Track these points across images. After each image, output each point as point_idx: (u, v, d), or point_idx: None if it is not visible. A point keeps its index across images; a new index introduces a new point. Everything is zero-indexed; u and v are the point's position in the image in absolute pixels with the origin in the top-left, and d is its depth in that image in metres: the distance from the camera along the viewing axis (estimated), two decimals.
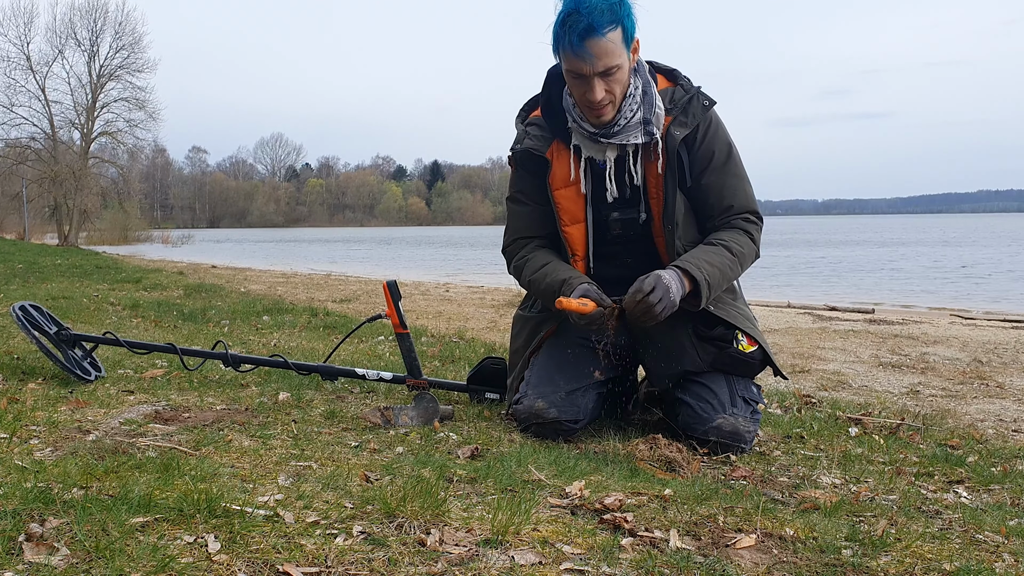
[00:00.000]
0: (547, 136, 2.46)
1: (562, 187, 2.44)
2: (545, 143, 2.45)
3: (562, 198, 2.45)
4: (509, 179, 2.62)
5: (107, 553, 1.30)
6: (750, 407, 2.36)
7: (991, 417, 3.35)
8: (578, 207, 2.45)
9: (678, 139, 2.37)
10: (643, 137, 2.35)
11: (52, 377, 2.85)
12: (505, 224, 2.65)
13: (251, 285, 10.69)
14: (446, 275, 17.24)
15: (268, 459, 1.94)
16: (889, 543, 1.58)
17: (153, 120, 35.41)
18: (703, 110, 2.39)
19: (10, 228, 37.75)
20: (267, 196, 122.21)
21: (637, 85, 2.35)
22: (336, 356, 3.59)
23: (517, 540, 1.48)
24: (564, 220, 2.46)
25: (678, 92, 2.42)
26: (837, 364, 4.83)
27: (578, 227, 2.47)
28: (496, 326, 6.35)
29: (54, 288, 7.77)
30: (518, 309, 2.69)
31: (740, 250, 2.37)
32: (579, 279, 2.34)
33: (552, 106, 2.44)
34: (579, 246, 2.48)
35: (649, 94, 2.37)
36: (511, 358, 2.68)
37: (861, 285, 14.81)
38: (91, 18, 34.63)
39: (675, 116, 2.38)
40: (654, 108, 2.36)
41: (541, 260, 2.49)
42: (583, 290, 2.28)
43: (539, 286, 2.46)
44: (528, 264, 2.51)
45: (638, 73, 2.36)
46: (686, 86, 2.43)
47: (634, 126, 2.35)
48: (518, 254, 2.58)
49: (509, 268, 2.64)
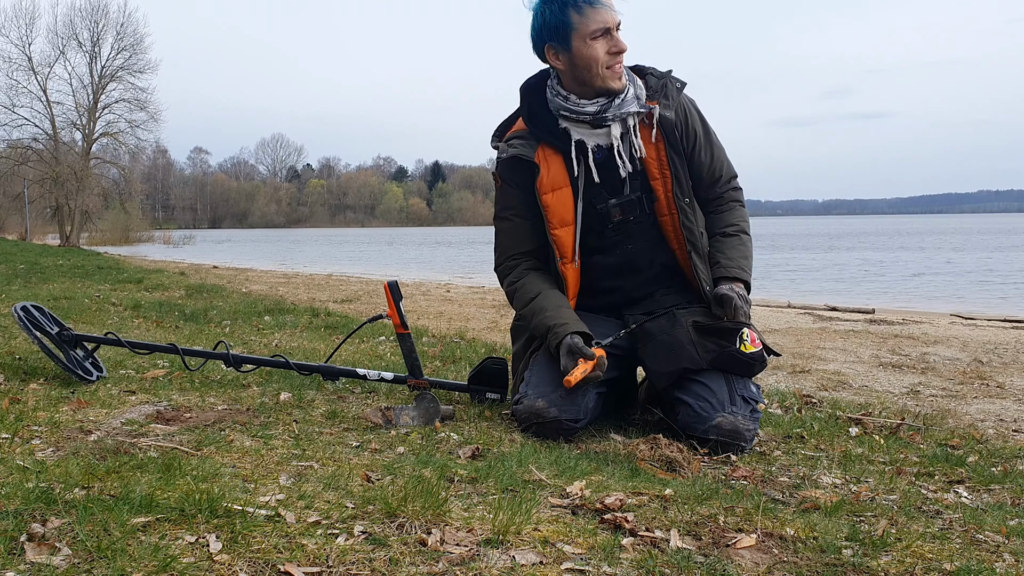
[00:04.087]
0: (532, 143, 2.49)
1: (550, 190, 2.46)
2: (531, 150, 2.48)
3: (552, 201, 2.46)
4: (495, 199, 2.64)
5: (109, 553, 1.30)
6: (750, 406, 2.36)
7: (991, 417, 3.35)
8: (567, 209, 2.47)
9: (671, 120, 2.47)
10: (637, 107, 2.44)
11: (54, 377, 2.85)
12: (495, 243, 2.66)
13: (252, 285, 10.69)
14: (447, 275, 17.24)
15: (269, 459, 1.94)
16: (889, 543, 1.58)
17: (155, 121, 35.50)
18: (678, 92, 2.52)
19: (12, 229, 37.80)
20: (268, 197, 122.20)
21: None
22: (337, 356, 3.59)
23: (518, 540, 1.48)
24: (553, 223, 2.47)
25: (649, 78, 2.52)
26: (837, 364, 4.83)
27: (567, 229, 2.48)
28: (497, 326, 6.35)
29: (56, 288, 7.78)
30: (515, 319, 2.70)
31: (747, 224, 2.63)
32: (563, 330, 2.37)
33: (536, 115, 2.50)
34: (567, 249, 2.50)
35: (631, 76, 2.50)
36: (513, 362, 2.71)
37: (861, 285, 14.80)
38: (92, 19, 34.72)
39: (659, 100, 2.48)
40: (636, 83, 2.49)
41: (530, 291, 2.52)
42: (567, 348, 2.33)
43: (529, 323, 2.53)
44: (518, 294, 2.55)
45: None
46: (656, 73, 2.54)
47: (631, 100, 2.45)
48: (509, 276, 2.60)
49: (501, 285, 2.67)
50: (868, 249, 29.93)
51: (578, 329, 2.39)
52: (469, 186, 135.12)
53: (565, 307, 2.47)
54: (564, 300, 2.50)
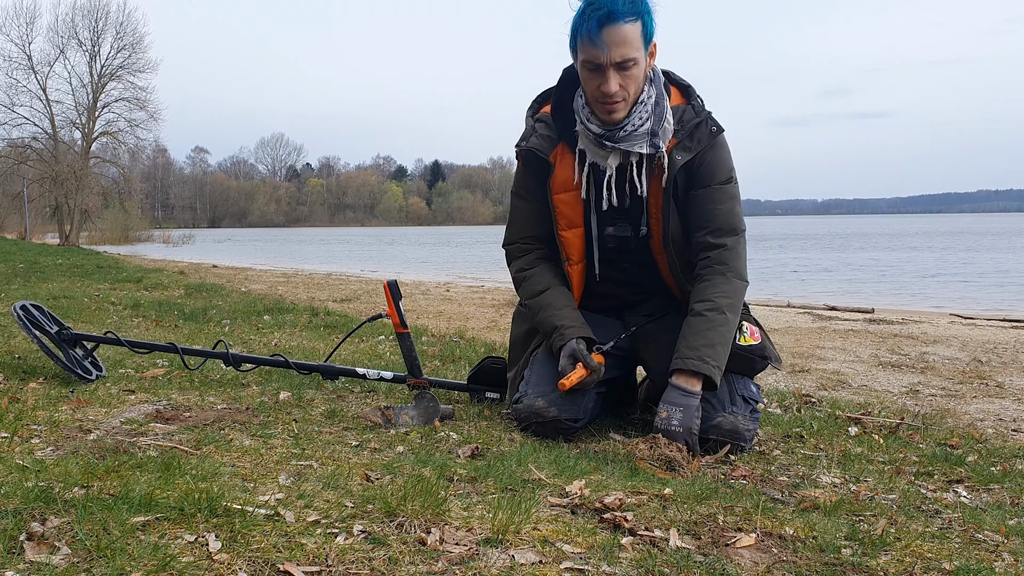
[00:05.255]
0: (553, 137, 2.44)
1: (562, 191, 2.44)
2: (550, 145, 2.43)
3: (561, 203, 2.44)
4: (514, 174, 2.62)
5: (108, 552, 1.30)
6: (749, 406, 2.36)
7: (991, 416, 3.35)
8: (576, 212, 2.45)
9: (679, 164, 2.33)
10: (648, 148, 2.32)
11: (53, 376, 2.85)
12: (508, 218, 2.65)
13: (252, 285, 10.69)
14: (447, 275, 17.24)
15: (269, 458, 1.94)
16: (889, 542, 1.58)
17: (154, 120, 35.54)
18: (709, 135, 2.35)
19: (11, 228, 37.77)
20: (268, 196, 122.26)
21: (651, 95, 2.32)
22: (337, 355, 3.59)
23: (517, 539, 1.48)
24: (561, 224, 2.46)
25: (688, 113, 2.37)
26: (837, 364, 4.83)
27: (575, 232, 2.47)
28: (496, 326, 6.35)
29: (55, 288, 7.78)
30: (519, 305, 2.70)
31: (727, 299, 2.33)
32: (569, 332, 2.38)
33: (562, 107, 2.43)
34: (574, 251, 2.49)
35: (661, 106, 2.33)
36: (510, 352, 2.70)
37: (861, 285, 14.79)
38: (93, 18, 34.74)
39: (680, 140, 2.34)
40: (663, 122, 2.32)
41: (539, 283, 2.51)
42: (570, 352, 2.34)
43: (534, 316, 2.51)
44: (526, 284, 2.54)
45: (653, 83, 2.34)
46: (697, 107, 2.39)
47: (641, 135, 2.31)
48: (518, 261, 2.59)
49: (509, 267, 2.64)
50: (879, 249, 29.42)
51: (583, 334, 2.39)
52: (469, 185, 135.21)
53: (571, 307, 2.47)
54: (571, 299, 2.50)
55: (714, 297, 2.33)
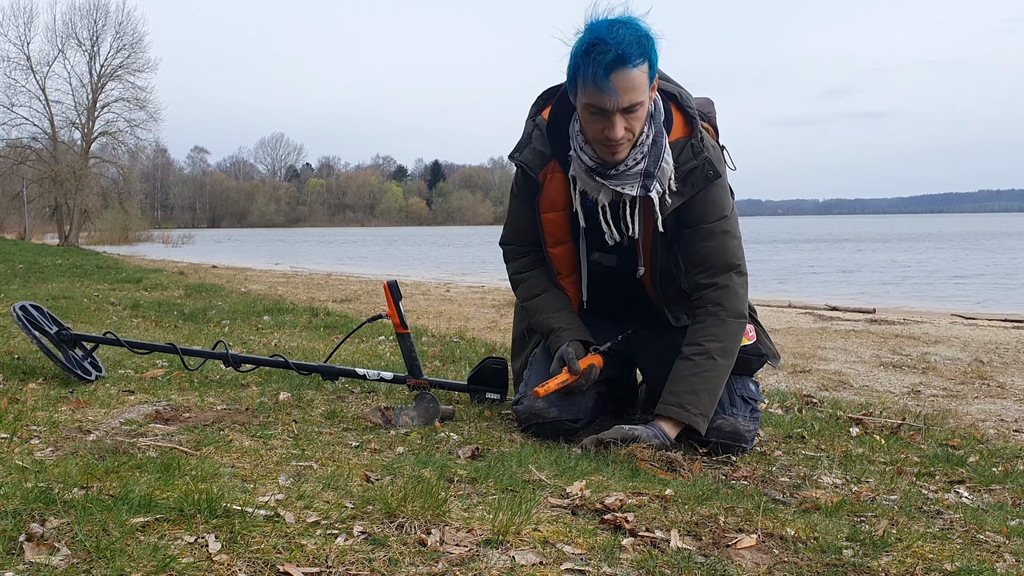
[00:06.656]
0: (546, 154, 2.34)
1: (550, 211, 2.40)
2: (542, 162, 2.35)
3: (549, 222, 2.41)
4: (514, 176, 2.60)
5: (107, 553, 1.30)
6: (749, 406, 2.36)
7: (992, 417, 3.35)
8: (564, 232, 2.43)
9: (669, 208, 2.26)
10: (638, 190, 2.22)
11: (53, 377, 2.85)
12: (507, 216, 2.64)
13: (251, 285, 10.69)
14: (447, 275, 17.24)
15: (269, 459, 1.94)
16: (890, 543, 1.58)
17: (154, 120, 35.43)
18: (704, 180, 2.26)
19: (10, 228, 37.75)
20: (268, 196, 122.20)
21: (649, 134, 2.21)
22: (337, 356, 3.59)
23: (518, 540, 1.48)
24: (549, 242, 2.45)
25: (686, 153, 2.26)
26: (838, 364, 4.83)
27: (563, 248, 2.46)
28: (497, 326, 6.34)
29: (54, 288, 7.77)
30: (518, 301, 2.70)
31: (718, 342, 2.28)
32: (564, 335, 2.39)
33: (559, 123, 2.31)
34: (563, 266, 2.48)
35: (659, 145, 2.23)
36: (512, 346, 2.74)
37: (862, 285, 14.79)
38: (92, 18, 34.65)
39: (676, 184, 2.25)
40: (660, 162, 2.22)
41: (536, 286, 2.52)
42: (560, 355, 2.35)
43: (532, 318, 2.52)
44: (524, 286, 2.56)
45: (653, 119, 2.22)
46: (695, 148, 2.26)
47: (633, 175, 2.21)
48: (515, 262, 2.59)
49: (506, 265, 2.65)
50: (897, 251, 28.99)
51: (578, 336, 2.40)
52: (469, 185, 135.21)
53: (568, 309, 2.48)
54: (567, 302, 2.50)
55: (703, 341, 2.28)
